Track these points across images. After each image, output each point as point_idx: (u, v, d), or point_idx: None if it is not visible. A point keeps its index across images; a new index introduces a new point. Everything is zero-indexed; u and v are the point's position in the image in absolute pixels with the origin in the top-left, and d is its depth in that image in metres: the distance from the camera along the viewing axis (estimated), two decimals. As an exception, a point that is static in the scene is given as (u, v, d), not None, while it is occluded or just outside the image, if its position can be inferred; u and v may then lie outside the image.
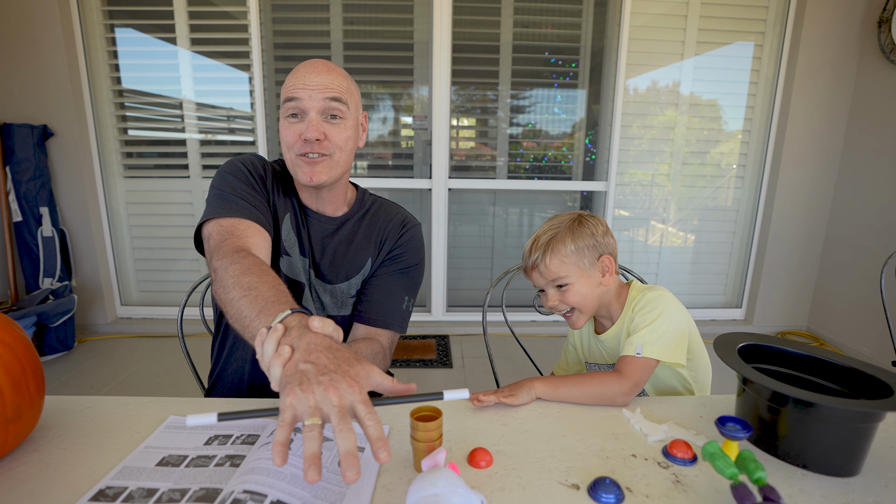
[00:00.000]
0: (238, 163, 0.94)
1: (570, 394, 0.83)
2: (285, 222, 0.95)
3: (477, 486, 0.61)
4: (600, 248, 0.94)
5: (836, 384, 0.75)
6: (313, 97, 0.85)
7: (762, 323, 3.00)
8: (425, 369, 2.44)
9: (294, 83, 0.86)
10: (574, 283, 0.93)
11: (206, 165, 2.80)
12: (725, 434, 0.63)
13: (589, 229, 0.94)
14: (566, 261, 0.93)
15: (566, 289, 0.94)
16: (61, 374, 2.33)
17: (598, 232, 0.95)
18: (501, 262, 3.06)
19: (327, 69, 0.87)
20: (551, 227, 0.96)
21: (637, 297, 0.95)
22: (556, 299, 0.95)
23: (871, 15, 2.58)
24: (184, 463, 0.64)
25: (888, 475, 0.66)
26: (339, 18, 2.69)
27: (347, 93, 0.89)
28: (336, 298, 0.99)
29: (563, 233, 0.93)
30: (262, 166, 0.96)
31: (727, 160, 2.93)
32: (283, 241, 0.95)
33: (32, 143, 2.48)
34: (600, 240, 0.94)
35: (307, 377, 0.53)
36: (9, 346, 0.64)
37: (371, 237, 1.00)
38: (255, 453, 0.63)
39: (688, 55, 2.76)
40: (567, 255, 0.92)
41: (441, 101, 2.71)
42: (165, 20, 2.61)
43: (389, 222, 1.02)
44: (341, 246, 0.99)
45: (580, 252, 0.93)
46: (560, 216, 0.97)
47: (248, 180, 0.91)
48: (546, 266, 0.93)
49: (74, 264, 2.72)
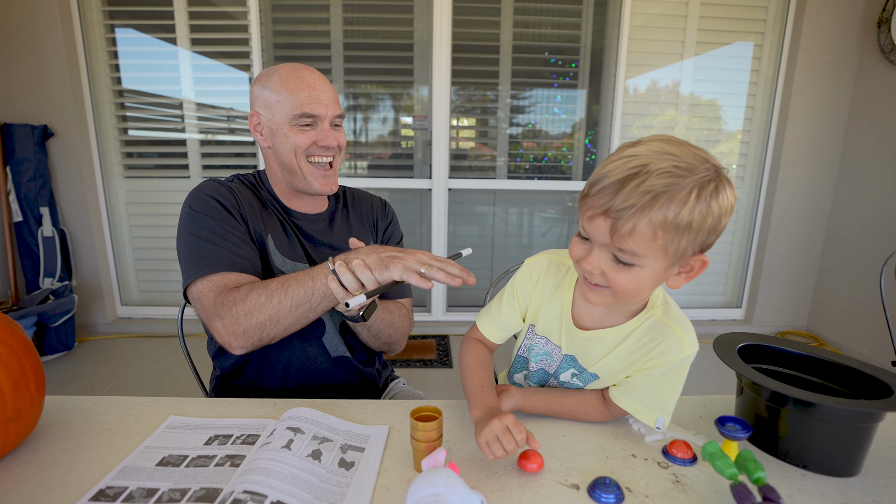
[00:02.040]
0: (206, 196, 0.89)
1: (552, 407, 0.78)
2: (270, 244, 0.93)
3: (477, 485, 0.62)
4: (710, 239, 0.61)
5: (836, 384, 0.75)
6: (329, 110, 0.93)
7: (762, 323, 3.00)
8: (425, 369, 2.44)
9: (310, 97, 0.91)
10: (643, 267, 0.61)
11: (206, 165, 2.80)
12: (725, 434, 0.63)
13: (720, 205, 0.58)
14: (661, 235, 0.58)
15: (628, 269, 0.61)
16: (62, 373, 2.33)
17: (727, 212, 0.60)
18: (501, 262, 3.06)
19: (326, 80, 0.95)
20: (675, 168, 0.57)
21: (661, 322, 0.71)
22: (602, 268, 0.63)
23: (870, 15, 2.58)
24: (184, 463, 0.64)
25: (888, 475, 0.66)
26: (339, 18, 2.69)
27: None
28: None
29: (687, 191, 0.56)
30: (229, 192, 0.92)
31: (727, 160, 2.93)
32: (274, 264, 0.92)
33: (33, 143, 2.48)
34: (720, 227, 0.60)
35: (392, 258, 0.75)
36: (9, 346, 0.64)
37: (363, 222, 1.07)
38: (255, 453, 0.63)
39: (688, 55, 2.76)
40: (670, 227, 0.57)
41: (441, 101, 2.71)
42: (165, 20, 2.61)
43: (372, 205, 1.10)
44: (342, 237, 1.01)
45: (686, 233, 0.58)
46: (686, 151, 0.59)
47: (222, 216, 0.88)
48: (633, 228, 0.57)
49: (75, 264, 2.72)
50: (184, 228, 0.88)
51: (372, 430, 0.73)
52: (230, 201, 0.91)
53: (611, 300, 0.67)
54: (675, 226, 0.57)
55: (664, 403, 0.72)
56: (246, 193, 0.95)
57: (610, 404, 0.76)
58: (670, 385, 0.72)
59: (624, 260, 0.61)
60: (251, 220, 0.92)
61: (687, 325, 0.71)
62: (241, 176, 1.01)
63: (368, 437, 0.71)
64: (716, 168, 0.59)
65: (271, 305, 0.77)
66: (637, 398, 0.73)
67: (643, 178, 0.56)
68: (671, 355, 0.70)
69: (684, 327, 0.70)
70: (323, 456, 0.65)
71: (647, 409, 0.72)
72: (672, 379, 0.72)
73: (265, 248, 0.92)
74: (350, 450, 0.67)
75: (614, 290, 0.64)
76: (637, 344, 0.72)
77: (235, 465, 0.63)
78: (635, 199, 0.56)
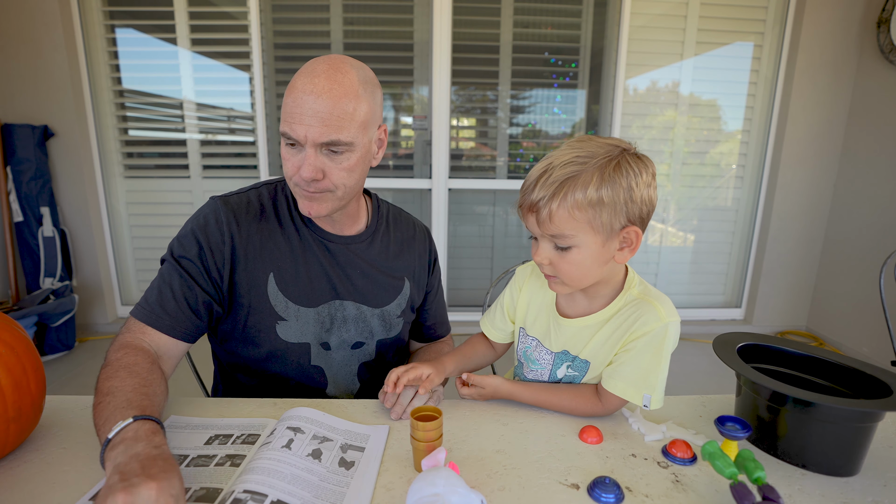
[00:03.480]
0: (195, 228, 0.82)
1: (541, 398, 0.79)
2: (270, 284, 0.84)
3: (477, 485, 0.62)
4: (633, 210, 0.67)
5: (835, 384, 0.75)
6: (310, 134, 0.72)
7: (761, 323, 3.00)
8: (425, 369, 2.44)
9: (292, 113, 0.73)
10: (580, 246, 0.68)
11: (206, 165, 2.80)
12: (725, 434, 0.63)
13: (627, 178, 0.66)
14: (578, 214, 0.66)
15: (567, 252, 0.69)
16: (62, 373, 2.33)
17: (638, 184, 0.67)
18: (501, 262, 3.06)
19: (329, 89, 0.72)
20: (577, 157, 0.67)
21: (639, 299, 0.75)
22: (548, 258, 0.71)
23: (870, 15, 2.58)
24: (184, 462, 0.64)
25: (887, 475, 0.66)
26: (339, 18, 2.69)
27: (351, 120, 0.74)
28: (385, 321, 0.93)
29: (588, 173, 0.65)
30: (228, 224, 0.81)
31: (727, 160, 2.93)
32: (273, 307, 0.84)
33: (33, 143, 2.48)
34: (638, 197, 0.67)
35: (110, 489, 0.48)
36: (10, 346, 0.64)
37: (404, 249, 0.97)
38: (256, 453, 0.64)
39: (687, 55, 2.76)
40: (583, 206, 0.66)
41: (441, 101, 2.71)
42: (166, 20, 2.61)
43: (415, 233, 1.00)
44: (377, 264, 0.92)
45: (601, 207, 0.66)
46: (593, 143, 0.68)
47: (189, 262, 0.80)
48: (550, 214, 0.67)
49: (75, 264, 2.72)
50: (161, 268, 0.84)
51: (372, 430, 0.73)
52: (214, 239, 0.81)
53: (565, 287, 0.74)
54: (587, 204, 0.66)
55: (648, 379, 0.73)
56: (255, 221, 0.84)
57: (603, 395, 0.76)
58: (651, 358, 0.73)
59: (560, 245, 0.70)
60: (248, 258, 0.82)
61: (663, 298, 0.75)
62: (271, 186, 0.89)
63: (369, 436, 0.71)
64: (621, 149, 0.68)
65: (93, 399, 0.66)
66: (623, 378, 0.74)
67: (550, 173, 0.67)
68: (649, 325, 0.72)
69: (660, 300, 0.74)
70: (323, 455, 0.65)
71: (633, 388, 0.73)
72: (653, 351, 0.73)
73: (256, 289, 0.83)
74: (350, 449, 0.68)
75: (562, 277, 0.72)
76: (619, 322, 0.76)
77: (236, 464, 0.63)
78: (545, 191, 0.67)
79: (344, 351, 0.91)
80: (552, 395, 0.80)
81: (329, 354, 0.90)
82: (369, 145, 0.80)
